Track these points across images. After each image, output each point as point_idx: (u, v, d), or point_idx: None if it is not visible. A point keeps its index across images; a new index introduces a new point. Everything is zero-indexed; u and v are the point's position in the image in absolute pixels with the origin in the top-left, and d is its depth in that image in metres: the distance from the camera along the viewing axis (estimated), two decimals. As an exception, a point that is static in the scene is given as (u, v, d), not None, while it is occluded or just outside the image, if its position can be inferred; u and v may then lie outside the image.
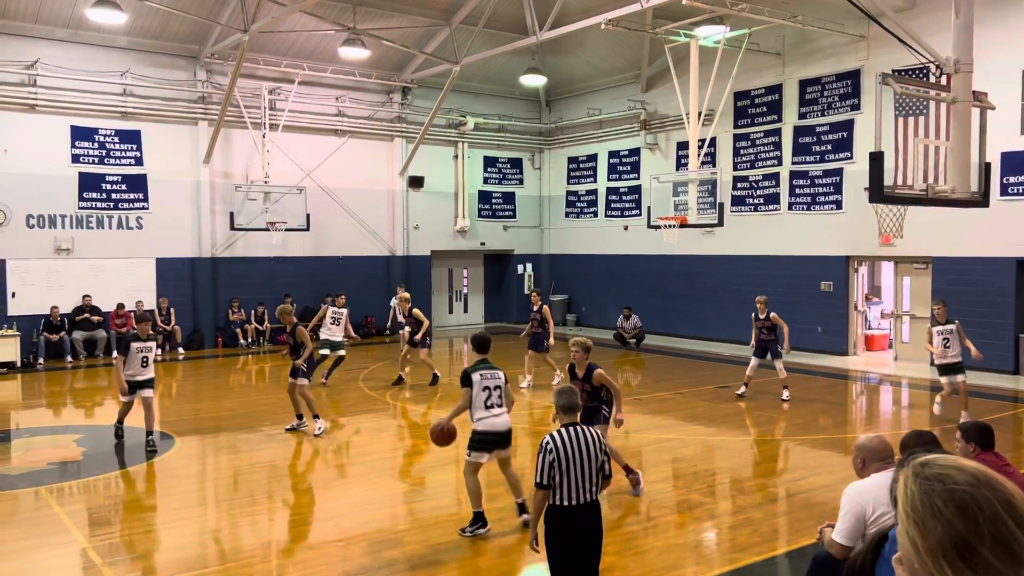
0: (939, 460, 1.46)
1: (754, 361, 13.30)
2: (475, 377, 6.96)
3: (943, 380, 11.45)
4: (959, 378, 11.27)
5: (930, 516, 1.38)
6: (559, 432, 4.96)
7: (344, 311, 14.52)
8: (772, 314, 13.04)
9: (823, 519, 5.78)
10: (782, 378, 13.05)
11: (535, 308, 14.67)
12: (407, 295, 15.25)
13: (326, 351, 14.40)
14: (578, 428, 5.00)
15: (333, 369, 14.76)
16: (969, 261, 15.74)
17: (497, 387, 6.99)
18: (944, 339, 11.24)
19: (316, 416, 10.99)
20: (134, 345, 10.18)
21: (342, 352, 14.65)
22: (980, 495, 1.37)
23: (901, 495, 1.45)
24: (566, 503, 4.87)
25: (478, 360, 7.15)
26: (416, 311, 14.57)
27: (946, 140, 9.05)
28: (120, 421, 10.62)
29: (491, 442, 7.00)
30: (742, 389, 13.49)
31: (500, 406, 6.99)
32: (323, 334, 14.38)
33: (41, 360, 17.51)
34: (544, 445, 4.89)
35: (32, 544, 6.98)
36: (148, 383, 10.35)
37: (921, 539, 1.38)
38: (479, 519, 7.03)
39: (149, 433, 10.20)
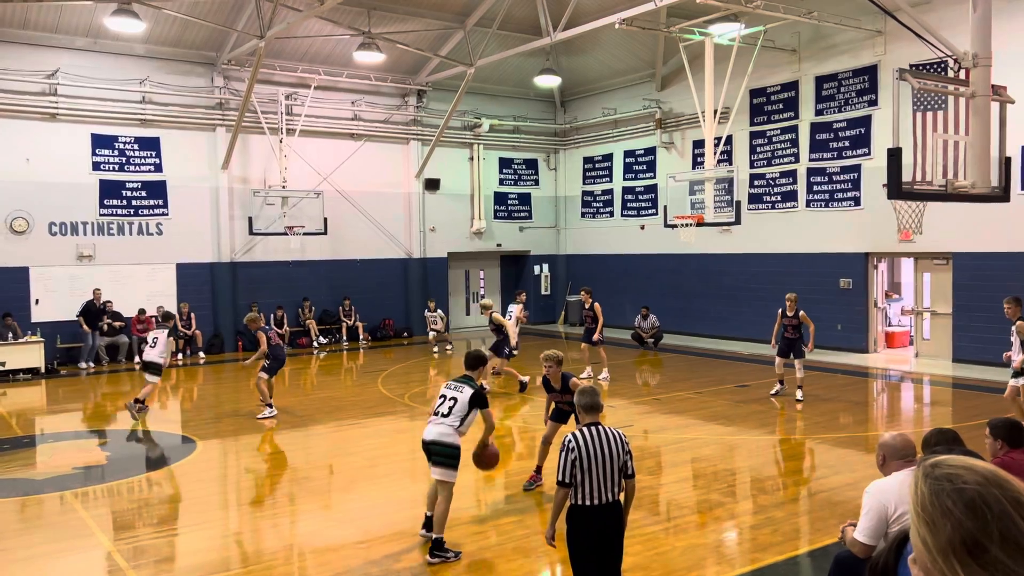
0: (950, 460, 1.48)
1: (779, 360, 13.21)
2: (442, 386, 7.01)
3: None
4: (1014, 382, 9.98)
5: (940, 515, 1.40)
6: (581, 431, 4.97)
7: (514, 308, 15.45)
8: (801, 312, 12.94)
9: (845, 518, 5.75)
10: (799, 378, 12.95)
11: (586, 306, 15.53)
12: (489, 302, 14.86)
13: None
14: (600, 428, 5.01)
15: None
16: (990, 256, 15.58)
17: (453, 398, 6.74)
18: (1012, 341, 10.07)
19: (269, 405, 12.43)
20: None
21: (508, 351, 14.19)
22: (988, 494, 1.39)
23: (912, 495, 1.47)
24: (588, 503, 4.88)
25: (461, 375, 7.01)
26: (495, 316, 14.17)
27: (965, 135, 8.97)
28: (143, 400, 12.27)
29: (424, 449, 6.74)
30: (776, 388, 13.41)
31: (446, 416, 6.67)
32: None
33: (64, 369, 17.76)
34: (567, 443, 4.92)
35: (58, 548, 7.08)
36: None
37: (932, 538, 1.40)
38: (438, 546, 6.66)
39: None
